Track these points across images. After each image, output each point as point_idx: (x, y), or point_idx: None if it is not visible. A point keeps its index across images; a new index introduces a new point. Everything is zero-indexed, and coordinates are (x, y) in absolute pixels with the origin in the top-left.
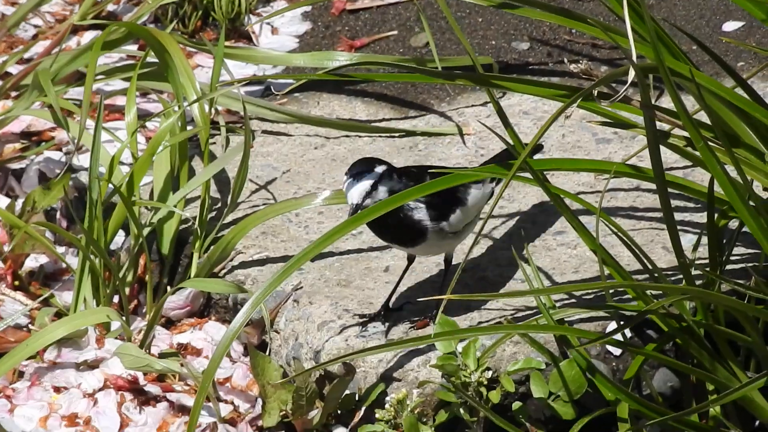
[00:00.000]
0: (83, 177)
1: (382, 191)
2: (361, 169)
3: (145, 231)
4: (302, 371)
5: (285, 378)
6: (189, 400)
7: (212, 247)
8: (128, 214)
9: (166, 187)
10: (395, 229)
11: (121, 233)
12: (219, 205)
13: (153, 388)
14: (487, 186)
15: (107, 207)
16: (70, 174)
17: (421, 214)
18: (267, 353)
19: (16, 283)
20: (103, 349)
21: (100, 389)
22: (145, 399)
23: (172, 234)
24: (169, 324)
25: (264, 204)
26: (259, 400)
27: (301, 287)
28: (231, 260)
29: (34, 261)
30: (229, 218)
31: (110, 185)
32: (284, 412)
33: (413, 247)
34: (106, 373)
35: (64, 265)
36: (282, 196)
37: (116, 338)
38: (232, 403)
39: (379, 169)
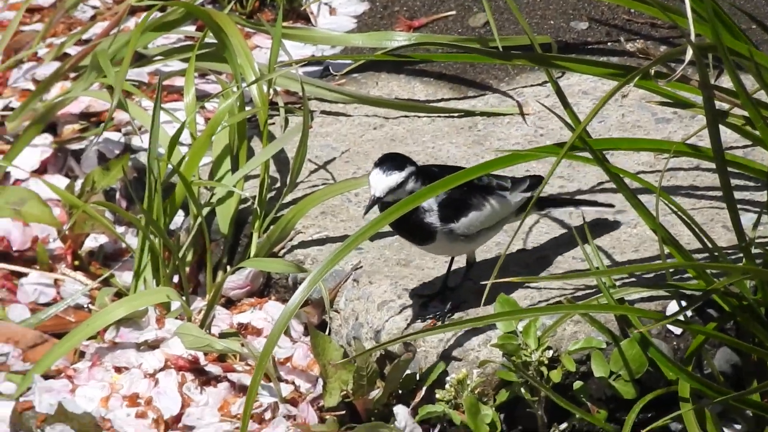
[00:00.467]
0: (142, 157)
1: (407, 189)
2: (391, 164)
3: (205, 211)
4: (363, 351)
5: (346, 358)
6: (250, 380)
7: (272, 227)
8: (187, 194)
9: (225, 167)
10: (406, 226)
11: (180, 213)
12: (278, 185)
13: (214, 368)
14: (516, 195)
15: (166, 187)
16: (129, 154)
17: (431, 214)
18: (327, 333)
19: (76, 263)
20: (164, 329)
21: (161, 369)
22: (206, 379)
23: (231, 214)
24: (229, 304)
25: (323, 184)
26: (320, 380)
27: (361, 267)
28: (290, 240)
29: (93, 241)
30: (288, 198)
31: (169, 165)
32: (345, 392)
33: (423, 245)
34: (166, 353)
35: (123, 245)
36: (341, 176)
37: (176, 318)
38: (293, 383)
39: (408, 169)
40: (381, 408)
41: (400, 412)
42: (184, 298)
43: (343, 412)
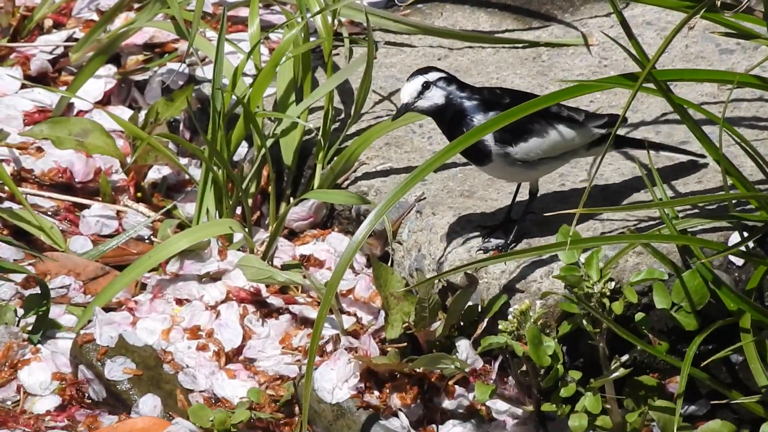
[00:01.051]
0: (206, 88)
1: (437, 94)
2: (416, 72)
3: (268, 142)
4: (424, 281)
5: (408, 289)
6: (312, 312)
7: (335, 158)
8: (251, 125)
9: (289, 98)
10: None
11: (244, 145)
12: (342, 116)
13: (275, 300)
14: (588, 130)
15: (230, 118)
16: (193, 85)
17: (487, 135)
18: (390, 265)
19: (139, 194)
20: (226, 261)
21: (223, 301)
22: (267, 311)
23: (295, 145)
24: (292, 235)
25: (387, 115)
26: (382, 312)
27: (424, 198)
28: (354, 171)
29: (156, 172)
30: (352, 129)
31: (233, 96)
32: (407, 324)
33: (482, 166)
34: (228, 285)
35: (186, 177)
36: None
37: (239, 250)
38: (355, 315)
39: (435, 74)
40: (443, 340)
41: (462, 343)
42: (246, 229)
43: (405, 344)
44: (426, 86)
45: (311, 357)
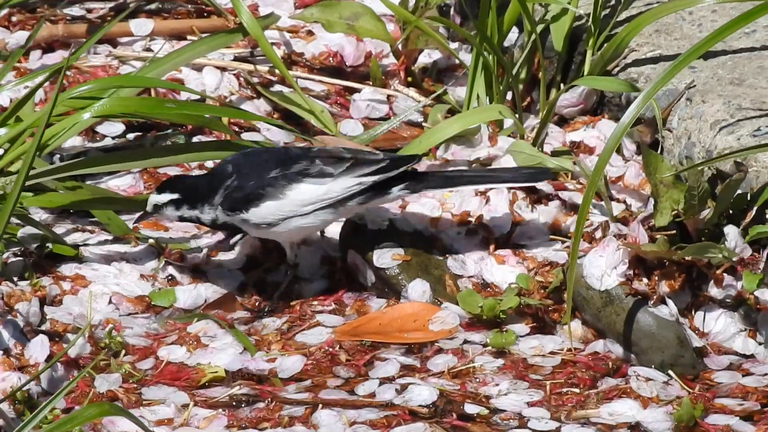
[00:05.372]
0: None
1: (169, 213)
2: (159, 189)
3: (539, 28)
4: (693, 166)
5: (677, 177)
6: (581, 199)
7: (605, 45)
8: (522, 10)
9: None
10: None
11: (514, 30)
12: (612, 2)
13: (545, 187)
14: (346, 180)
15: (501, 3)
16: None
17: (214, 209)
18: (659, 152)
19: (409, 79)
20: (496, 147)
21: (493, 187)
22: (536, 197)
23: (565, 31)
24: (562, 122)
25: (657, 2)
26: (651, 200)
27: (694, 86)
28: (624, 58)
29: (427, 57)
30: (622, 16)
31: None
32: (676, 212)
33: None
34: None
35: (457, 62)
36: None
37: (509, 136)
38: (624, 202)
39: (167, 197)
40: (711, 228)
41: (731, 231)
42: (516, 115)
43: (674, 231)
44: (157, 207)
45: (576, 240)
